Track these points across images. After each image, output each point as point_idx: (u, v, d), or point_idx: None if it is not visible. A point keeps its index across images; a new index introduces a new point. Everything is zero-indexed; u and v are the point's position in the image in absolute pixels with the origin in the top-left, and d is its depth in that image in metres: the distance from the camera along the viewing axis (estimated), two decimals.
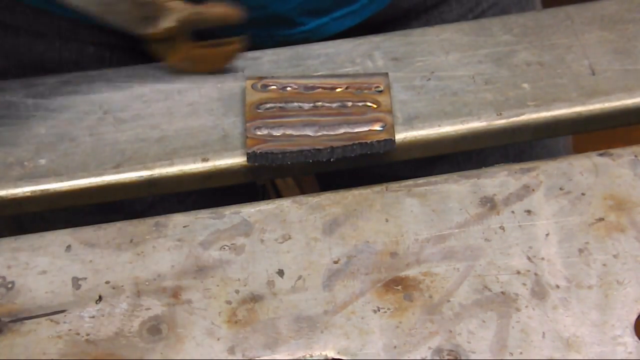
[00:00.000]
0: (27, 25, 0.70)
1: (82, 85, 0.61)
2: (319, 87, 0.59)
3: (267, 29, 0.68)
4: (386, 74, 0.60)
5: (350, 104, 0.58)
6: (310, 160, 0.56)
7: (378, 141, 0.57)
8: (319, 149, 0.56)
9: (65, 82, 0.62)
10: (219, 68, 0.61)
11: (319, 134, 0.57)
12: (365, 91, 0.59)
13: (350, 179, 0.61)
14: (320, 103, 0.58)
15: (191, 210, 0.57)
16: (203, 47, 0.60)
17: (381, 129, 0.57)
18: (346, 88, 0.59)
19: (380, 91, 0.59)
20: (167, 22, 0.58)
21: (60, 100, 0.61)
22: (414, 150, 0.59)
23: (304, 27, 0.68)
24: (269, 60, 0.63)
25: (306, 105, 0.58)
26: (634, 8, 0.65)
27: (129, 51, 0.69)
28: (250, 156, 0.56)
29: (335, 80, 0.60)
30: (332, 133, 0.57)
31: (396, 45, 0.64)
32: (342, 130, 0.57)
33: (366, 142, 0.57)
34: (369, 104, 0.58)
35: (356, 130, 0.57)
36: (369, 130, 0.57)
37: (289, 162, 0.56)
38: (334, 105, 0.58)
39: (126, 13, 0.57)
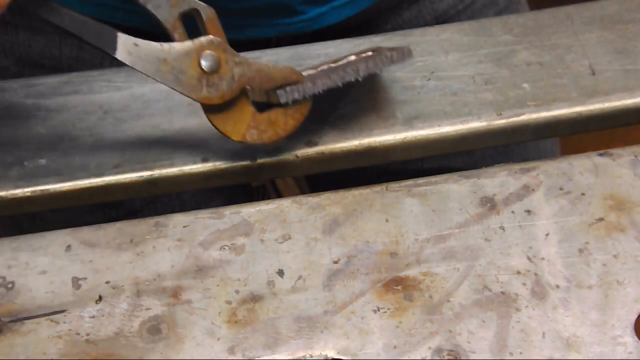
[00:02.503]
0: (27, 22, 0.70)
1: (82, 85, 0.62)
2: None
3: (269, 17, 0.68)
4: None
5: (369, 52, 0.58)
6: (340, 84, 0.55)
7: (396, 51, 0.56)
8: (344, 70, 0.55)
9: (65, 82, 0.62)
10: (288, 133, 0.56)
11: (341, 64, 0.57)
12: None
13: (344, 176, 0.61)
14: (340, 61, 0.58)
15: (189, 205, 0.57)
16: (268, 112, 0.55)
17: (395, 49, 0.57)
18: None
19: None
20: (229, 82, 0.53)
21: (60, 100, 0.61)
22: (414, 150, 0.59)
23: (304, 16, 0.69)
24: (268, 60, 0.63)
25: (326, 66, 0.58)
26: (634, 8, 0.65)
27: None
28: (282, 94, 0.54)
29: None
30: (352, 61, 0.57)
31: (396, 45, 0.64)
32: (362, 60, 0.57)
33: (386, 55, 0.56)
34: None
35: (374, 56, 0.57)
36: (385, 51, 0.57)
37: (320, 91, 0.55)
38: (353, 57, 0.58)
39: (186, 72, 0.53)
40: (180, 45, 0.53)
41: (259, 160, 0.58)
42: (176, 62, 0.53)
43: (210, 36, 0.53)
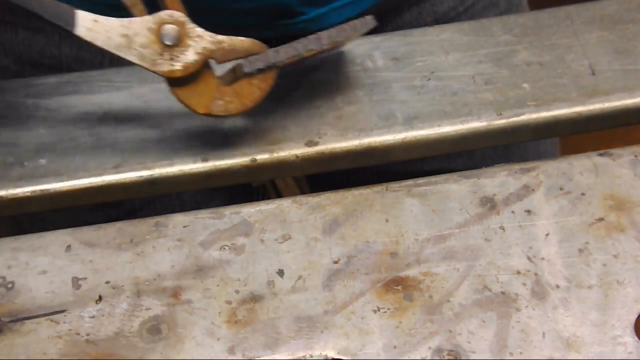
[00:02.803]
0: (26, 22, 0.70)
1: (82, 85, 0.61)
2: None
3: (269, 18, 0.68)
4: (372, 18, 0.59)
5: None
6: (304, 53, 0.54)
7: (360, 21, 0.56)
8: (308, 39, 0.55)
9: (65, 82, 0.62)
10: (255, 103, 0.56)
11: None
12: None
13: (345, 177, 0.61)
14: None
15: (189, 205, 0.57)
16: (234, 83, 0.55)
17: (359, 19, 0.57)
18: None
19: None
20: (191, 55, 0.53)
21: (60, 100, 0.61)
22: (414, 150, 0.59)
23: (304, 17, 0.68)
24: None
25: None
26: (634, 8, 0.65)
27: None
28: (245, 64, 0.54)
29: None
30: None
31: (396, 45, 0.64)
32: (325, 31, 0.56)
33: (348, 25, 0.56)
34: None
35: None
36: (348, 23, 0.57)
37: (284, 60, 0.54)
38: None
39: (147, 46, 0.53)
40: (140, 20, 0.53)
41: (259, 160, 0.58)
42: (137, 37, 0.53)
43: (170, 10, 0.53)
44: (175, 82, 0.54)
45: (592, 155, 0.57)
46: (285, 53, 0.55)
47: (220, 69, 0.55)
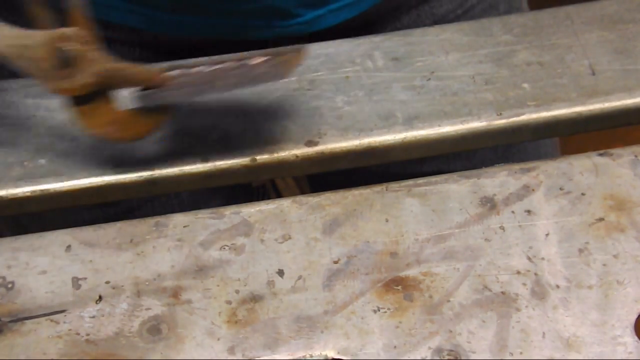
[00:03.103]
0: (25, 22, 0.70)
1: None
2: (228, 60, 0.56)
3: (265, 19, 0.68)
4: (303, 47, 0.56)
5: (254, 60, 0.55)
6: (203, 96, 0.54)
7: (278, 66, 0.53)
8: (214, 83, 0.53)
9: None
10: (150, 132, 0.55)
11: (215, 78, 0.54)
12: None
13: (345, 177, 0.61)
14: (225, 64, 0.55)
15: (187, 204, 0.57)
16: (131, 112, 0.54)
17: (272, 61, 0.54)
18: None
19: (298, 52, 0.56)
20: (85, 76, 0.52)
21: (60, 100, 0.61)
22: (414, 150, 0.59)
23: (301, 19, 0.68)
24: None
25: (208, 68, 0.55)
26: (634, 8, 0.65)
27: (128, 45, 0.69)
28: (139, 98, 0.54)
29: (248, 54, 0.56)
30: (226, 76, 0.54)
31: (396, 45, 0.64)
32: (236, 74, 0.54)
33: (259, 74, 0.54)
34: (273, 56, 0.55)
35: (251, 67, 0.54)
36: (261, 62, 0.54)
37: (181, 99, 0.53)
38: (238, 63, 0.55)
39: (41, 60, 0.51)
40: (40, 34, 0.52)
41: (259, 160, 0.58)
42: (34, 50, 0.51)
43: (72, 28, 0.52)
44: (72, 100, 0.53)
45: (592, 155, 0.57)
46: (185, 94, 0.54)
47: (120, 95, 0.55)
